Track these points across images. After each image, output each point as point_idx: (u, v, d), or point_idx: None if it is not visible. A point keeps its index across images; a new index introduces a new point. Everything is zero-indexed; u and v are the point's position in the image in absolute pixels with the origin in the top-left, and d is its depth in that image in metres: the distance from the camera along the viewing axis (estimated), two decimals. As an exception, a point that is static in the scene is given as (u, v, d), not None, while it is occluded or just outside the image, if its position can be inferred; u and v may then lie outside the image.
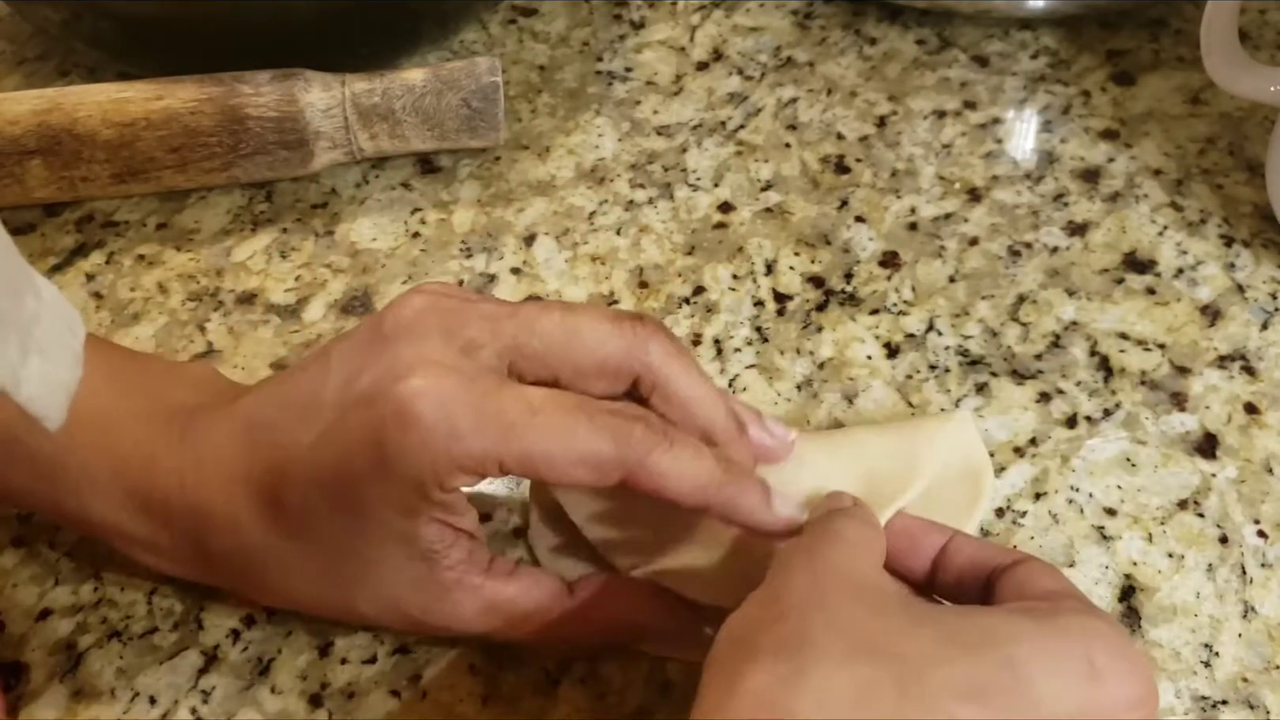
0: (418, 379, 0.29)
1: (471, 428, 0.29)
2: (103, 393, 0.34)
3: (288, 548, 0.33)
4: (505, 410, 0.29)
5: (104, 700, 0.35)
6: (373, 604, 0.33)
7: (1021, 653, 0.26)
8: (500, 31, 0.57)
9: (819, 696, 0.24)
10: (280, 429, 0.32)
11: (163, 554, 0.35)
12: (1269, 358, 0.42)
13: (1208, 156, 0.49)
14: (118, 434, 0.34)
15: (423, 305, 0.31)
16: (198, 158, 0.47)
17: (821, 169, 0.49)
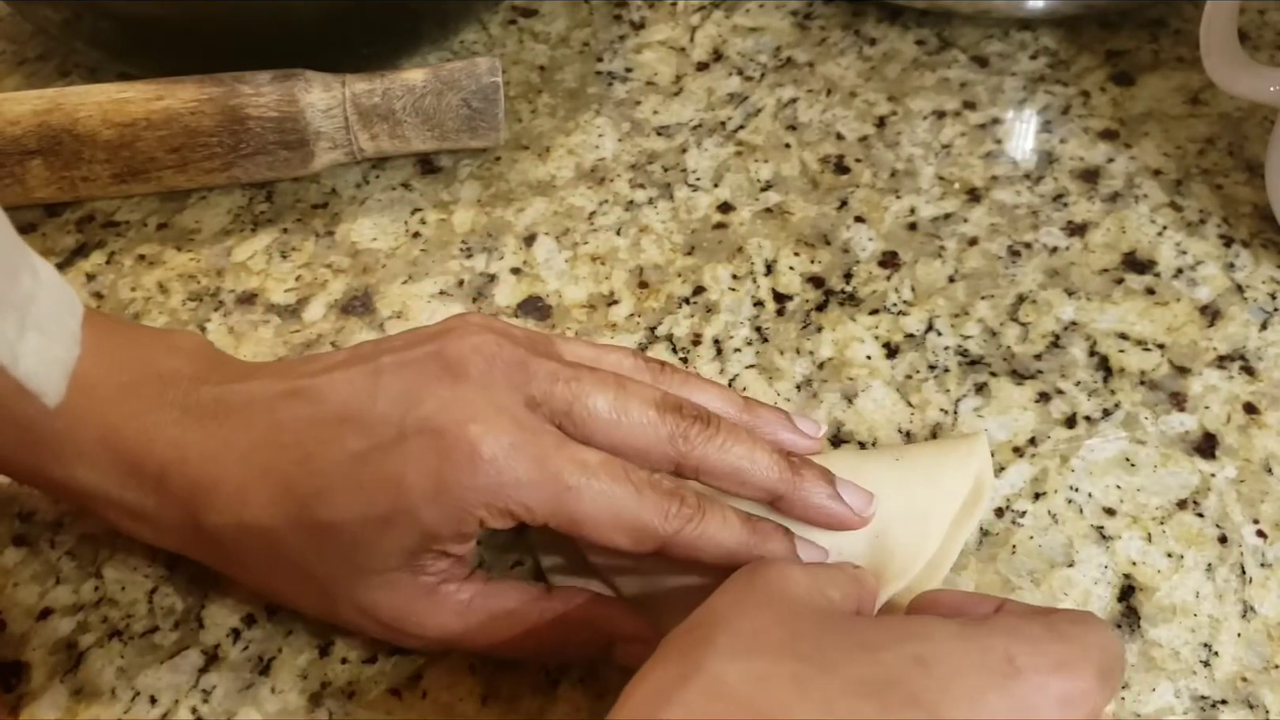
0: (487, 425, 0.31)
1: (531, 480, 0.31)
2: (90, 361, 0.33)
3: (288, 537, 0.33)
4: (563, 471, 0.31)
5: (104, 699, 0.35)
6: (351, 606, 0.33)
7: (931, 650, 0.26)
8: (500, 32, 0.57)
9: (708, 687, 0.25)
10: (320, 426, 0.32)
11: (149, 523, 0.34)
12: (1268, 358, 0.42)
13: (1207, 157, 0.49)
14: (107, 403, 0.33)
15: (490, 351, 0.33)
16: (198, 158, 0.47)
17: (821, 169, 0.49)
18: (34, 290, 0.28)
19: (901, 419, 0.41)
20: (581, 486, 0.31)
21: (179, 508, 0.33)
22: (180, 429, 0.33)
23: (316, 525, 0.32)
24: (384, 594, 0.33)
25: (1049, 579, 0.36)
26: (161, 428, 0.33)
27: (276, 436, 0.33)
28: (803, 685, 0.25)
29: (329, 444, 0.32)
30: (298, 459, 0.32)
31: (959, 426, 0.40)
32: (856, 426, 0.40)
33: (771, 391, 0.42)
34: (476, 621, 0.34)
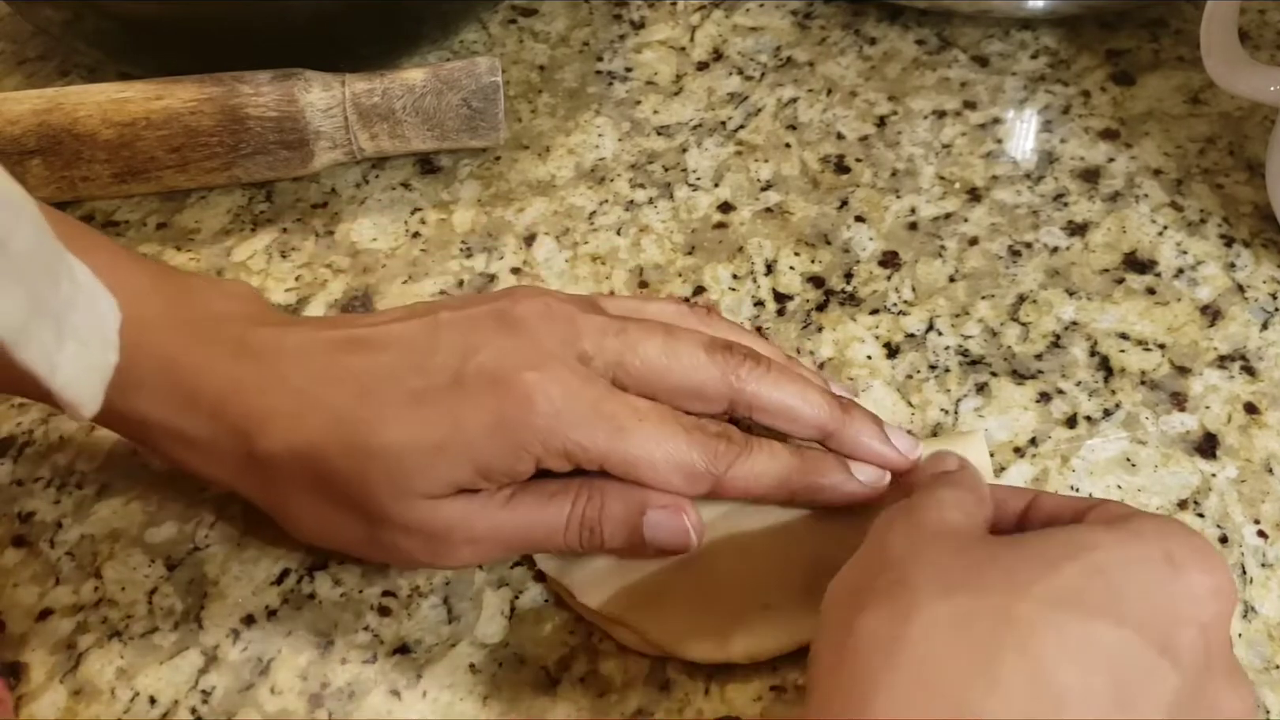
0: (543, 372, 0.33)
1: (586, 423, 0.33)
2: (149, 299, 0.35)
3: (338, 461, 0.33)
4: (616, 415, 0.33)
5: (104, 700, 0.35)
6: (396, 528, 0.34)
7: (1103, 558, 0.27)
8: (500, 31, 0.57)
9: (925, 629, 0.26)
10: (377, 369, 0.34)
11: (202, 452, 0.35)
12: (1269, 358, 0.42)
13: (1208, 156, 0.49)
14: (165, 337, 0.34)
15: (544, 309, 0.35)
16: (198, 157, 0.47)
17: (821, 169, 0.49)
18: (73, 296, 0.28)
19: (902, 419, 0.41)
20: (634, 429, 0.33)
21: (233, 437, 0.34)
22: (236, 362, 0.34)
23: (368, 450, 0.33)
24: (431, 512, 0.33)
25: (1049, 579, 0.36)
26: (218, 360, 0.34)
27: (333, 375, 0.34)
28: (1006, 612, 0.26)
29: (386, 382, 0.33)
30: (354, 393, 0.33)
31: (959, 426, 0.40)
32: (857, 426, 0.40)
33: (772, 391, 0.42)
34: (524, 514, 0.34)
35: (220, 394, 0.34)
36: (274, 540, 0.38)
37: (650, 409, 0.34)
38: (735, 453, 0.34)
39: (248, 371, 0.34)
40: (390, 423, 0.33)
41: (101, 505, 0.40)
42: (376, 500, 0.33)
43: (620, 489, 0.34)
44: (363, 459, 0.33)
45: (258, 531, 0.39)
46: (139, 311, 0.34)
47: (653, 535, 0.34)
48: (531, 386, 0.32)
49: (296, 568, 0.38)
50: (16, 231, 0.25)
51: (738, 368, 0.35)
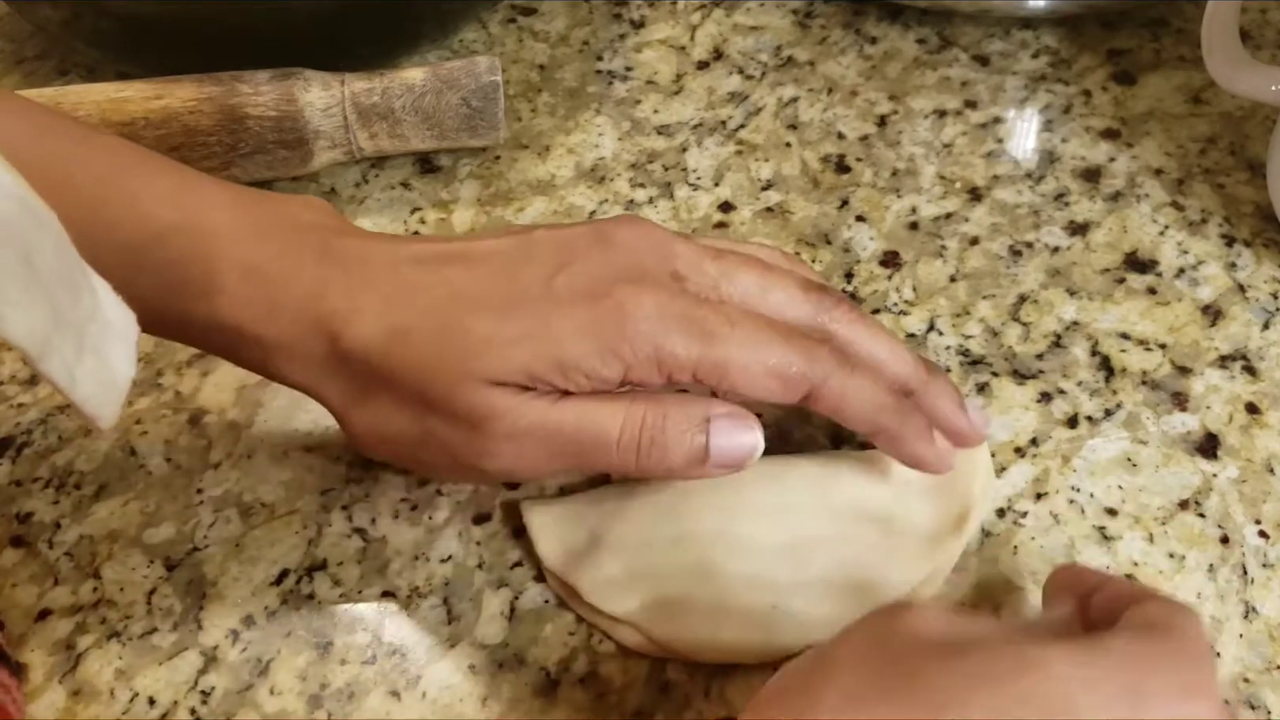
0: (637, 287, 0.33)
1: (680, 330, 0.32)
2: (229, 210, 0.35)
3: (418, 336, 0.33)
4: (708, 320, 0.33)
5: (103, 700, 0.35)
6: (458, 406, 0.33)
7: (1052, 685, 0.24)
8: (500, 31, 0.57)
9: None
10: (471, 276, 0.34)
11: (285, 354, 0.34)
12: (1270, 358, 0.42)
13: (1209, 156, 0.49)
14: (247, 245, 0.34)
15: (642, 232, 0.34)
16: (197, 157, 0.47)
17: (822, 168, 0.49)
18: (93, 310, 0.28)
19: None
20: (727, 335, 0.33)
21: (316, 336, 0.34)
22: (321, 268, 0.34)
23: (451, 333, 0.33)
24: (484, 397, 0.32)
25: (1050, 579, 0.36)
26: (302, 267, 0.34)
27: (422, 282, 0.34)
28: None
29: (477, 290, 0.33)
30: (445, 296, 0.33)
31: (960, 426, 0.40)
32: (857, 426, 0.40)
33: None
34: (575, 411, 0.33)
35: (304, 296, 0.34)
36: (273, 541, 0.38)
37: (744, 316, 0.33)
38: (836, 363, 0.33)
39: (334, 275, 0.34)
40: (480, 315, 0.33)
41: (100, 506, 0.40)
42: (441, 382, 0.33)
43: (682, 397, 0.34)
44: (443, 341, 0.33)
45: (256, 532, 0.39)
46: (220, 222, 0.35)
47: (719, 443, 0.33)
48: (624, 297, 0.32)
49: (295, 568, 0.38)
50: (42, 246, 0.25)
51: (832, 309, 0.35)
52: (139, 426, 0.42)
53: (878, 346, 0.35)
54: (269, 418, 0.42)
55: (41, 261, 0.25)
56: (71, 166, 0.34)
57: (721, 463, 0.33)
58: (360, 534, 0.38)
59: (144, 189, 0.35)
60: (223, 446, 0.41)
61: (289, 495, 0.40)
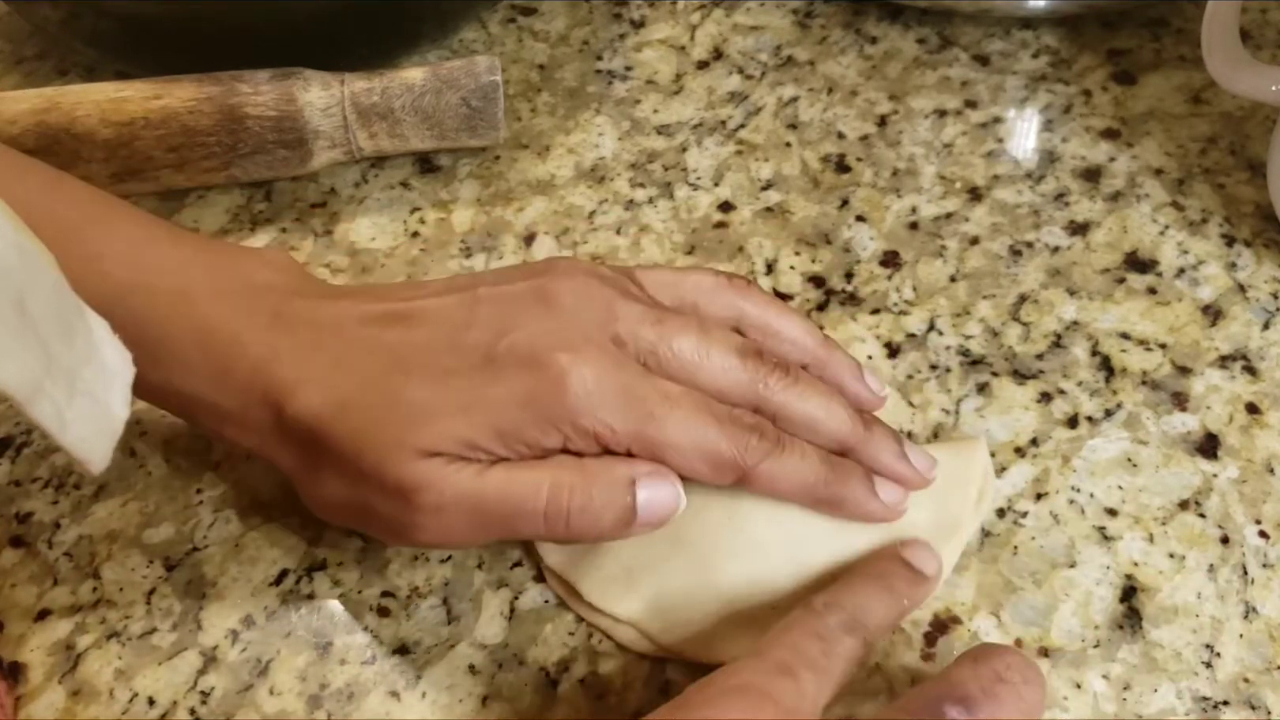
0: (577, 353, 0.33)
1: (618, 405, 0.33)
2: (188, 270, 0.36)
3: (358, 410, 0.33)
4: (648, 399, 0.33)
5: (103, 700, 0.35)
6: (389, 478, 0.33)
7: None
8: (500, 30, 0.56)
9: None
10: (412, 344, 0.34)
11: (234, 422, 0.35)
12: (1270, 358, 0.42)
13: (1209, 156, 0.49)
14: (204, 307, 0.35)
15: (583, 289, 0.35)
16: (196, 157, 0.47)
17: (822, 168, 0.49)
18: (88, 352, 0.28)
19: (903, 419, 0.40)
20: (665, 415, 0.33)
21: (264, 406, 0.34)
22: (273, 333, 0.35)
23: (391, 403, 0.33)
24: (411, 467, 0.32)
25: (1050, 580, 0.36)
26: (255, 331, 0.35)
27: (367, 347, 0.34)
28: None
29: (419, 356, 0.34)
30: (386, 364, 0.34)
31: (960, 426, 0.40)
32: (857, 426, 0.40)
33: (772, 391, 0.41)
34: (498, 481, 0.33)
35: (254, 365, 0.34)
36: (272, 541, 0.38)
37: (682, 395, 0.34)
38: (766, 449, 0.34)
39: (283, 343, 0.34)
40: (419, 385, 0.33)
41: (99, 506, 0.40)
42: (373, 453, 0.33)
43: (604, 460, 0.33)
44: (380, 413, 0.33)
45: (256, 532, 0.39)
46: (178, 283, 0.35)
47: (645, 501, 0.33)
48: (565, 367, 0.33)
49: (295, 568, 0.38)
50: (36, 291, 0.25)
51: (767, 376, 0.35)
52: (139, 426, 0.42)
53: (813, 408, 0.35)
54: (269, 418, 0.42)
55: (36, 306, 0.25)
56: (38, 216, 0.34)
57: (647, 521, 0.34)
58: (360, 534, 0.38)
59: (105, 247, 0.35)
60: (223, 446, 0.41)
61: (289, 495, 0.39)
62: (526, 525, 0.33)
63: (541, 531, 0.33)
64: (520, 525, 0.33)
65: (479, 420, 0.33)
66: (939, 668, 0.35)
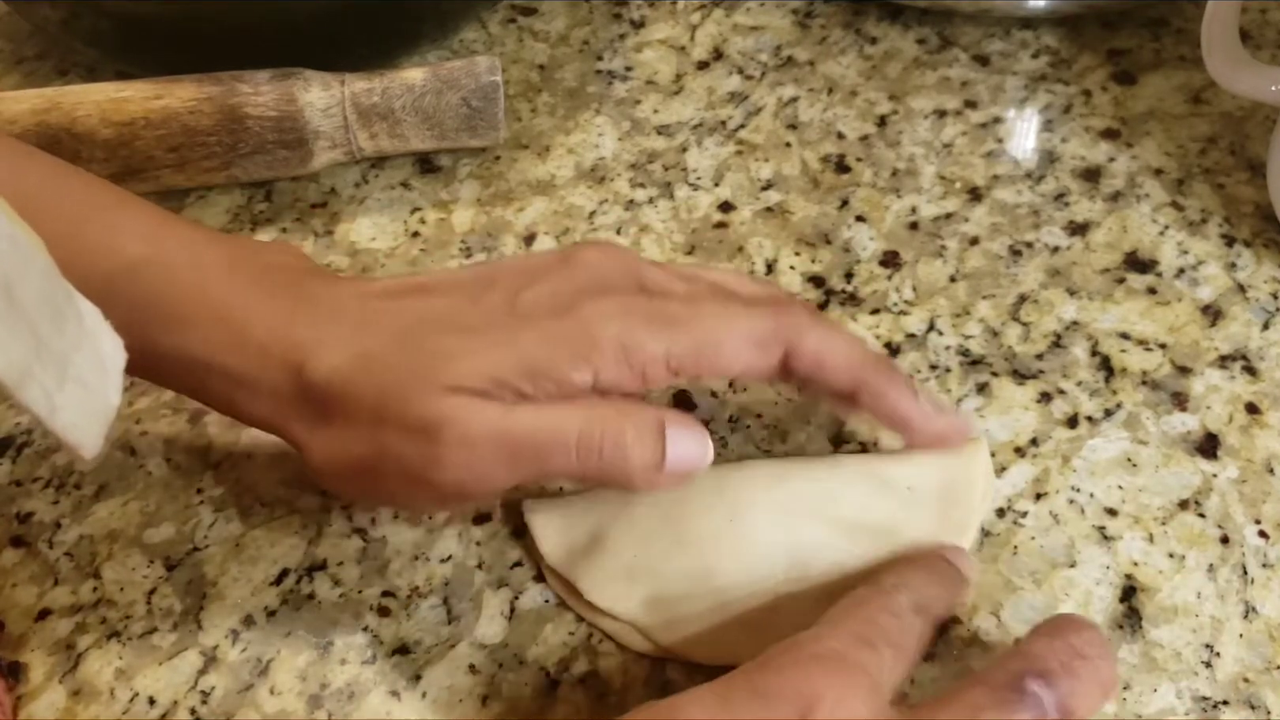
0: (605, 296, 0.33)
1: (645, 325, 0.33)
2: (204, 248, 0.35)
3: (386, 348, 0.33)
4: (671, 309, 0.33)
5: (103, 700, 0.35)
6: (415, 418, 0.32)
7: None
8: (500, 31, 0.57)
9: None
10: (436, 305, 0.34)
11: (249, 389, 0.34)
12: (1270, 358, 0.42)
13: (1209, 156, 0.49)
14: (218, 280, 0.35)
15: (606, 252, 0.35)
16: (197, 157, 0.47)
17: (822, 168, 0.49)
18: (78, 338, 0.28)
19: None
20: (693, 315, 0.33)
21: (281, 369, 0.34)
22: (290, 302, 0.34)
23: (415, 348, 0.33)
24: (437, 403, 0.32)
25: (1050, 579, 0.36)
26: (272, 301, 0.34)
27: (391, 313, 0.34)
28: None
29: (445, 315, 0.34)
30: (410, 324, 0.34)
31: (960, 426, 0.40)
32: (857, 426, 0.40)
33: (772, 391, 0.42)
34: (529, 416, 0.32)
35: (272, 329, 0.34)
36: (273, 541, 0.38)
37: (705, 293, 0.34)
38: (807, 321, 0.34)
39: (301, 309, 0.34)
40: (445, 334, 0.33)
41: (100, 506, 0.40)
42: (399, 396, 0.32)
43: (637, 404, 0.33)
44: (407, 360, 0.33)
45: (256, 532, 0.39)
46: (192, 257, 0.35)
47: (675, 451, 0.32)
48: (590, 310, 0.33)
49: (295, 568, 0.38)
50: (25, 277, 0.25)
51: (796, 314, 0.35)
52: (139, 426, 0.42)
53: (843, 341, 0.35)
54: (269, 418, 0.42)
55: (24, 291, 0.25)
56: (46, 201, 0.34)
57: (675, 469, 0.33)
58: (360, 534, 0.38)
59: (119, 224, 0.35)
60: (223, 446, 0.41)
61: (289, 495, 0.40)
62: (558, 459, 0.32)
63: (573, 464, 0.32)
64: (551, 459, 0.32)
65: (509, 356, 0.32)
66: (938, 667, 0.35)
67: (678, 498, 0.36)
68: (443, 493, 0.33)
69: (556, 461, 0.32)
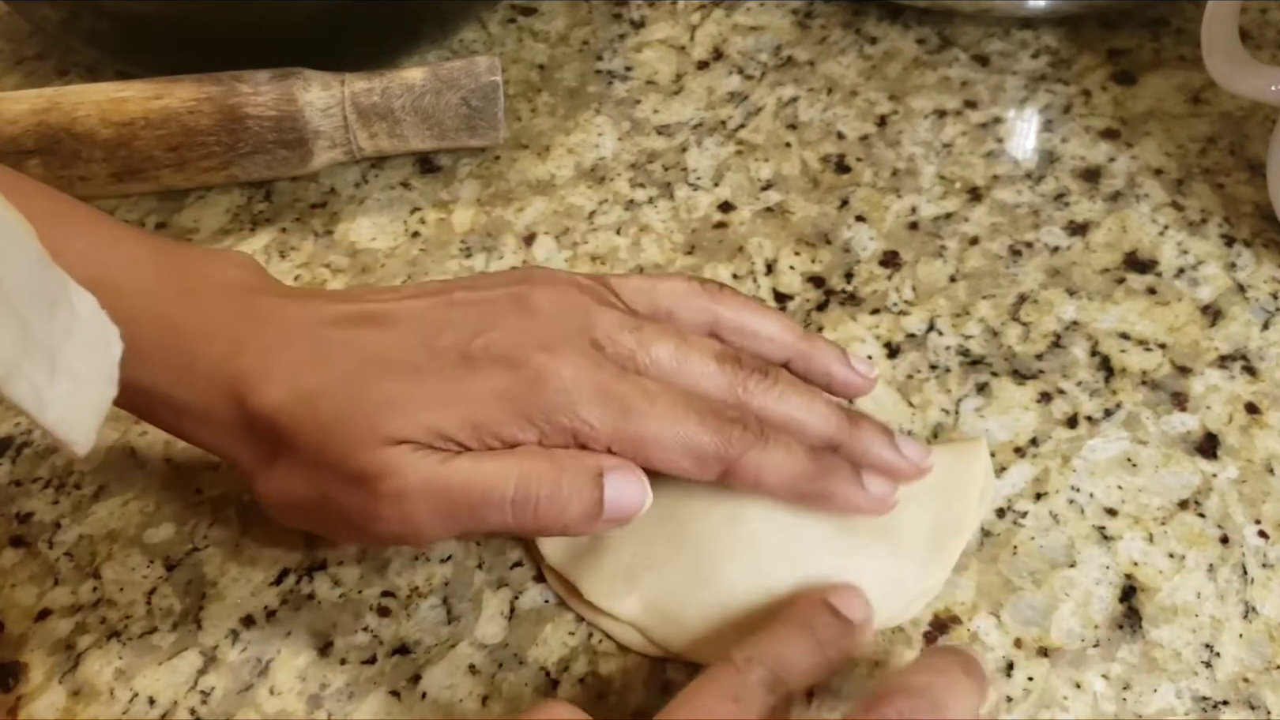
0: (554, 353, 0.33)
1: (597, 402, 0.32)
2: (150, 268, 0.35)
3: (325, 399, 0.33)
4: (627, 395, 0.33)
5: (103, 700, 0.35)
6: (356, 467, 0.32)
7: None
8: (500, 30, 0.57)
9: None
10: (387, 339, 0.34)
11: (196, 418, 0.34)
12: (1270, 358, 0.42)
13: (1209, 156, 0.49)
14: (166, 305, 0.34)
15: (560, 296, 0.35)
16: (196, 157, 0.47)
17: (822, 168, 0.49)
18: (69, 328, 0.27)
19: (903, 419, 0.41)
20: (645, 411, 0.33)
21: (227, 399, 0.33)
22: (238, 328, 0.34)
23: (361, 395, 0.32)
24: (377, 456, 0.32)
25: (1050, 579, 0.36)
26: (219, 325, 0.34)
27: (339, 344, 0.34)
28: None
29: (392, 354, 0.33)
30: (359, 360, 0.33)
31: (960, 427, 0.40)
32: (857, 426, 0.40)
33: (772, 391, 0.42)
34: (464, 469, 0.32)
35: (218, 358, 0.34)
36: (273, 541, 0.38)
37: (662, 390, 0.33)
38: (750, 441, 0.33)
39: (249, 336, 0.34)
40: (392, 378, 0.33)
41: (100, 506, 0.40)
42: (340, 443, 0.32)
43: (572, 451, 0.33)
44: (350, 404, 0.32)
45: (256, 532, 0.39)
46: (140, 280, 0.34)
47: (613, 497, 0.32)
48: (542, 365, 0.32)
49: (295, 568, 0.38)
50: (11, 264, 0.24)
51: (745, 380, 0.35)
52: (139, 426, 0.42)
53: (794, 408, 0.35)
54: (269, 418, 0.42)
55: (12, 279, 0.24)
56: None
57: (613, 516, 0.33)
58: (360, 534, 0.38)
59: (65, 243, 0.33)
60: (222, 446, 0.41)
61: (289, 495, 0.40)
62: (493, 514, 0.32)
63: (509, 521, 0.32)
64: (487, 514, 0.32)
65: (453, 412, 0.32)
66: (939, 667, 0.35)
67: (678, 498, 0.36)
68: (383, 541, 0.34)
69: (492, 515, 0.32)
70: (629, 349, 0.34)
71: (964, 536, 0.36)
